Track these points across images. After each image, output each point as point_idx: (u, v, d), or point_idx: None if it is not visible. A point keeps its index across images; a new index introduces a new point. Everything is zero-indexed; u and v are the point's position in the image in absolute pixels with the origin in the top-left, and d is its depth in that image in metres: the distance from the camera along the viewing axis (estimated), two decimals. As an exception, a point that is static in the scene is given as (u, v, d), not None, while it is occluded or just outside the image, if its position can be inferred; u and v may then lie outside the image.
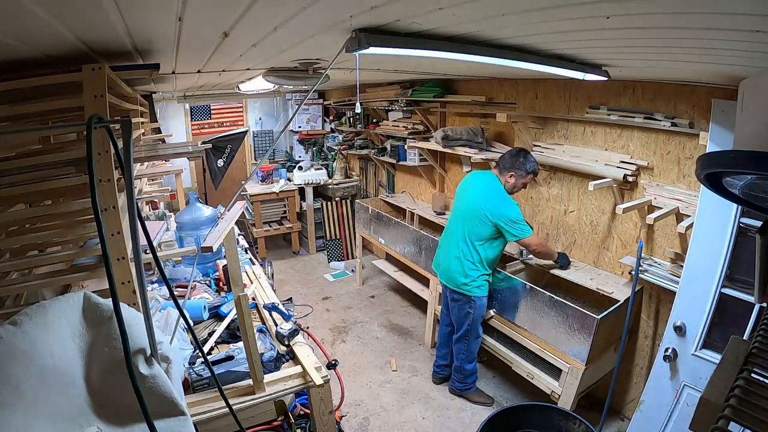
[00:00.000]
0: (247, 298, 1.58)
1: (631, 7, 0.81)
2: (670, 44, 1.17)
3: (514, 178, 2.54)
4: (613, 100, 2.47)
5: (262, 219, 5.32)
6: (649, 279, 2.26)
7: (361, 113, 4.91)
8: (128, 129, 0.83)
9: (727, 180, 0.94)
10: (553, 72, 1.67)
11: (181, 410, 0.94)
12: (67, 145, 1.73)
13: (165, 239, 2.46)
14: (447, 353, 2.98)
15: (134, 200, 0.86)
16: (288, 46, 1.40)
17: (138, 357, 0.91)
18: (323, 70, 1.88)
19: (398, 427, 2.68)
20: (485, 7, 0.88)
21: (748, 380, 0.70)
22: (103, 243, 0.72)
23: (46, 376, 0.82)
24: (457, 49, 1.23)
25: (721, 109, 1.82)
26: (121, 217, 1.22)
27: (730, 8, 0.76)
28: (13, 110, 1.21)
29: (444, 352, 2.99)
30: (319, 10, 0.90)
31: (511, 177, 2.54)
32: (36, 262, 1.39)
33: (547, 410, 2.06)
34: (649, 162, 2.35)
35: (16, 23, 0.80)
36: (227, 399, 1.22)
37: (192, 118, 5.70)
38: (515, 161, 2.53)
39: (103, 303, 0.95)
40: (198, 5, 0.84)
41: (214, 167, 2.86)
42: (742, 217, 1.78)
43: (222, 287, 2.46)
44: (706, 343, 1.91)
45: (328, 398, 1.73)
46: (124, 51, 1.24)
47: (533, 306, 2.47)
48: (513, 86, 3.11)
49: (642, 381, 2.48)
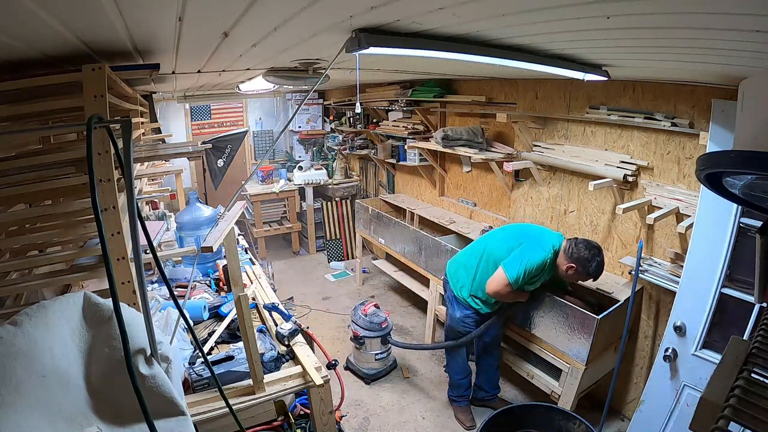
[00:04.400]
0: (247, 298, 1.58)
1: (631, 7, 0.81)
2: (670, 44, 1.17)
3: (572, 271, 2.23)
4: (613, 100, 2.47)
5: (262, 219, 5.32)
6: (649, 279, 2.26)
7: (361, 113, 4.91)
8: (128, 129, 0.83)
9: (727, 180, 0.94)
10: (553, 72, 1.67)
11: (181, 410, 0.94)
12: (67, 145, 1.73)
13: (165, 239, 2.46)
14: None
15: (134, 200, 0.86)
16: (288, 46, 1.40)
17: (138, 357, 0.91)
18: (323, 70, 1.88)
19: (398, 427, 2.68)
20: (485, 7, 0.88)
21: (748, 380, 0.70)
22: (103, 243, 0.72)
23: (46, 376, 0.82)
24: (457, 49, 1.23)
25: (721, 109, 1.82)
26: (121, 217, 1.22)
27: (730, 8, 0.76)
28: (13, 110, 1.21)
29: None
30: (319, 10, 0.90)
31: (571, 269, 2.23)
32: (36, 262, 1.39)
33: (547, 410, 2.06)
34: (649, 162, 2.35)
35: (16, 23, 0.80)
36: (227, 399, 1.22)
37: (192, 118, 5.70)
38: (584, 257, 2.19)
39: (103, 303, 0.95)
40: (198, 5, 0.84)
41: (214, 167, 2.85)
42: (742, 217, 1.78)
43: (222, 287, 2.46)
44: (706, 343, 1.91)
45: (328, 398, 1.73)
46: (124, 51, 1.24)
47: (533, 306, 2.47)
48: (513, 86, 3.11)
49: (642, 381, 2.48)
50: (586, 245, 2.21)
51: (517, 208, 3.26)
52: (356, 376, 3.15)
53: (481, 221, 3.62)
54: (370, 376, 3.10)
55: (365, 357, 3.09)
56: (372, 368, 3.11)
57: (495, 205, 3.58)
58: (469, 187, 3.83)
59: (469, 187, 3.84)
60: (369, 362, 3.10)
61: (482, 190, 3.69)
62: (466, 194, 3.87)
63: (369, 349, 3.05)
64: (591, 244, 2.23)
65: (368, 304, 3.10)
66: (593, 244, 2.23)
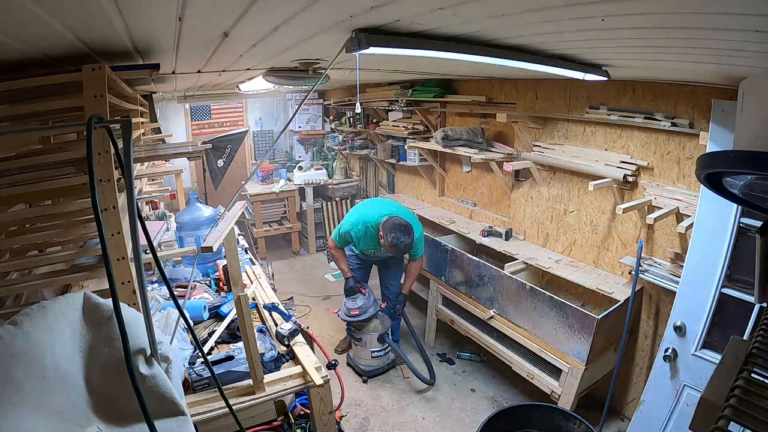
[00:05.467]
0: (247, 298, 1.58)
1: (631, 7, 0.81)
2: (670, 44, 1.17)
3: (382, 239, 2.78)
4: (613, 100, 2.47)
5: (262, 219, 5.31)
6: (649, 279, 2.26)
7: (361, 113, 4.91)
8: (128, 129, 0.83)
9: (727, 180, 0.94)
10: (553, 72, 1.67)
11: (181, 410, 0.94)
12: (67, 145, 1.73)
13: (165, 239, 2.46)
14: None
15: (134, 200, 0.86)
16: (288, 46, 1.40)
17: (138, 357, 0.91)
18: (323, 70, 1.88)
19: (398, 427, 2.68)
20: (485, 7, 0.88)
21: (748, 380, 0.70)
22: (103, 243, 0.72)
23: (46, 376, 0.82)
24: (457, 49, 1.23)
25: (721, 109, 1.82)
26: (121, 217, 1.22)
27: (731, 8, 0.76)
28: (13, 110, 1.21)
29: None
30: (319, 10, 0.90)
31: (381, 237, 2.79)
32: (36, 262, 1.39)
33: (547, 410, 2.05)
34: (649, 162, 2.35)
35: (16, 23, 0.80)
36: (227, 399, 1.22)
37: (192, 118, 5.70)
38: (386, 227, 2.75)
39: (103, 303, 0.95)
40: (198, 5, 0.84)
41: (214, 167, 2.85)
42: (742, 217, 1.78)
43: (222, 287, 2.46)
44: (706, 343, 1.91)
45: (328, 398, 1.73)
46: (124, 51, 1.23)
47: (533, 306, 2.47)
48: (513, 86, 3.11)
49: (642, 381, 2.48)
50: (394, 221, 2.77)
51: (517, 208, 3.26)
52: (354, 372, 3.19)
53: (481, 221, 3.62)
54: (367, 373, 3.12)
55: (363, 353, 3.11)
56: (369, 365, 3.13)
57: (495, 205, 3.58)
58: (469, 187, 3.83)
59: (469, 187, 3.84)
60: (366, 359, 3.12)
61: (482, 190, 3.69)
62: (466, 194, 3.87)
63: (368, 346, 3.06)
64: (399, 222, 2.76)
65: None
66: (402, 222, 2.76)
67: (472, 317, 3.02)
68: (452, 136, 3.27)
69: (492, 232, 3.28)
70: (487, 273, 2.82)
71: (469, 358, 3.29)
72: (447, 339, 3.57)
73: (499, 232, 3.24)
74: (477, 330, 2.98)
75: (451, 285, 3.18)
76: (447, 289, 3.23)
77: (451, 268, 3.16)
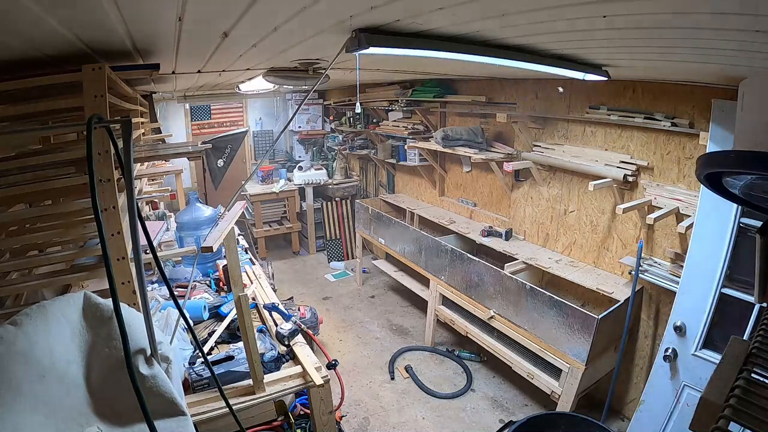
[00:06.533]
0: (247, 298, 1.58)
1: (631, 7, 0.81)
2: (670, 44, 1.17)
3: None
4: (613, 100, 2.47)
5: (262, 219, 5.31)
6: (649, 279, 2.26)
7: (361, 113, 4.91)
8: (128, 129, 0.83)
9: (727, 180, 0.93)
10: (553, 72, 1.67)
11: (181, 410, 0.94)
12: (67, 145, 1.72)
13: (165, 239, 2.46)
14: None
15: (134, 200, 0.86)
16: (288, 46, 1.40)
17: (138, 357, 0.91)
18: (323, 70, 1.88)
19: (398, 427, 2.68)
20: (485, 7, 0.88)
21: (748, 380, 0.70)
22: (103, 243, 0.72)
23: (46, 376, 0.82)
24: (457, 49, 1.23)
25: (721, 109, 1.82)
26: (121, 217, 1.22)
27: (731, 8, 0.76)
28: (13, 110, 1.21)
29: None
30: (319, 10, 0.90)
31: None
32: (36, 262, 1.39)
33: (577, 420, 1.94)
34: (649, 162, 2.35)
35: (17, 23, 0.80)
36: (227, 399, 1.22)
37: (192, 118, 5.70)
38: None
39: (103, 303, 0.95)
40: (198, 5, 0.84)
41: (214, 167, 2.85)
42: (742, 217, 1.78)
43: (222, 287, 2.46)
44: (706, 343, 1.91)
45: (328, 398, 1.73)
46: (124, 51, 1.23)
47: (533, 306, 2.47)
48: (513, 86, 3.11)
49: (642, 381, 2.48)
50: None
51: (517, 208, 3.26)
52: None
53: (481, 221, 3.62)
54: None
55: None
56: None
57: (495, 205, 3.58)
58: (469, 187, 3.83)
59: (469, 187, 3.84)
60: None
61: (482, 190, 3.69)
62: (466, 194, 3.87)
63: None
64: None
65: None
66: None
67: (472, 317, 3.02)
68: (452, 136, 3.27)
69: (492, 232, 3.28)
70: (487, 273, 2.82)
71: (469, 358, 3.30)
72: (447, 339, 3.57)
73: (499, 232, 3.25)
74: (477, 330, 2.98)
75: (451, 285, 3.18)
76: (447, 289, 3.23)
77: (451, 269, 3.16)
